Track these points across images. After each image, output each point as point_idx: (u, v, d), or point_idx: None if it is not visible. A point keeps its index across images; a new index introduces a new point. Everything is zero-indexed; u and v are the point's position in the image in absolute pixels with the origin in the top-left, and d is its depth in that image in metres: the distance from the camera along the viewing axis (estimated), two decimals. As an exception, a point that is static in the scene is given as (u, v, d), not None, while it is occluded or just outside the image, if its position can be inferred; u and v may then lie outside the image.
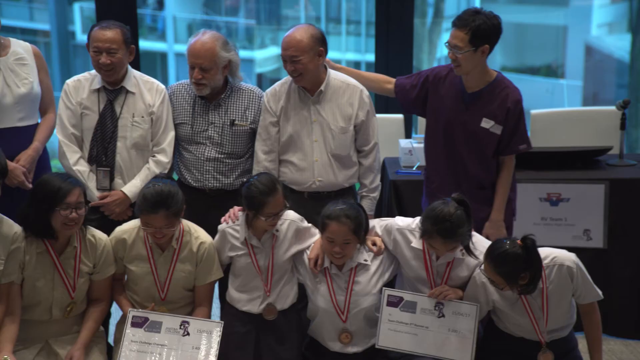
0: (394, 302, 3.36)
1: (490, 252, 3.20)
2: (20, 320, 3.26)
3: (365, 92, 3.84)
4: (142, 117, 3.75)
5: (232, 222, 3.48)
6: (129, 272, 3.47)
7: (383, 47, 5.59)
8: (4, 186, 3.53)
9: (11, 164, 3.62)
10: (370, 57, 6.54)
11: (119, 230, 3.48)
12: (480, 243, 3.39)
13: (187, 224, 3.48)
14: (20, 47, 3.84)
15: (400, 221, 3.51)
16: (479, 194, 3.71)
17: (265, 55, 15.05)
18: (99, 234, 3.40)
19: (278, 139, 3.81)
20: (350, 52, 14.16)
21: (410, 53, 5.60)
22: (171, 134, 3.81)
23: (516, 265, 3.13)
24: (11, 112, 3.73)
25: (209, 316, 3.50)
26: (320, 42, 3.66)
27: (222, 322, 3.40)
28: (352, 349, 3.47)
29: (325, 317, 3.46)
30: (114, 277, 3.47)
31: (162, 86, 3.85)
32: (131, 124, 3.74)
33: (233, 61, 3.78)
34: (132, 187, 3.71)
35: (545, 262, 3.24)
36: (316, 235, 3.51)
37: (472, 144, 3.75)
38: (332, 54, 3.86)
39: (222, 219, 3.52)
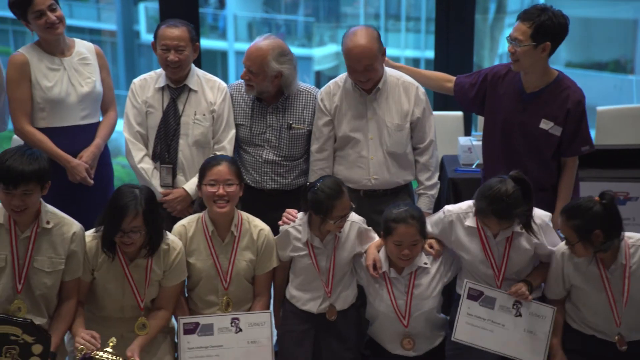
0: (474, 296, 3.28)
1: (565, 206, 3.11)
2: (95, 316, 3.32)
3: (421, 89, 3.75)
4: (204, 114, 3.74)
5: (293, 223, 3.43)
6: (189, 269, 3.43)
7: (443, 44, 5.49)
8: (67, 183, 3.58)
9: (74, 161, 3.67)
10: (430, 54, 6.44)
11: (179, 225, 3.45)
12: (541, 218, 3.27)
13: (244, 214, 3.45)
14: (83, 47, 3.87)
15: (450, 207, 3.40)
16: (539, 195, 3.57)
17: (323, 53, 15.04)
18: (174, 240, 3.33)
19: (333, 138, 3.75)
20: (409, 49, 14.03)
21: (470, 49, 5.49)
22: (232, 132, 3.79)
23: (589, 218, 3.00)
24: (75, 110, 3.77)
25: (268, 305, 3.48)
26: (380, 42, 3.59)
27: (270, 311, 3.38)
28: (414, 353, 3.40)
29: (386, 321, 3.39)
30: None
31: (224, 84, 3.83)
32: (193, 122, 3.73)
33: (285, 74, 3.70)
34: (193, 185, 3.70)
35: (631, 240, 3.10)
36: (374, 239, 3.44)
37: (531, 145, 3.61)
38: (391, 51, 3.78)
39: (279, 222, 3.47)
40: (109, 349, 3.03)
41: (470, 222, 3.29)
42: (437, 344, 3.44)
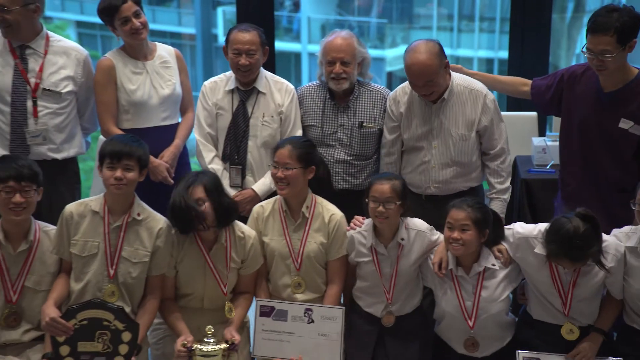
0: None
1: None
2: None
3: (490, 97, 3.69)
4: (272, 116, 3.79)
5: (359, 228, 3.45)
6: (263, 248, 3.48)
7: (518, 44, 5.39)
8: (148, 181, 3.68)
9: (156, 161, 3.76)
10: (504, 54, 6.34)
11: (257, 205, 3.53)
12: (612, 246, 3.16)
13: (319, 198, 3.50)
14: (164, 50, 3.97)
15: (521, 228, 3.31)
16: (620, 197, 3.48)
17: (396, 54, 14.94)
18: (247, 230, 3.44)
19: (400, 142, 3.75)
20: (482, 49, 13.85)
21: (546, 49, 5.37)
22: (298, 133, 3.83)
23: None
24: (156, 112, 3.87)
25: (339, 294, 3.50)
26: (443, 56, 3.56)
27: (344, 307, 3.40)
28: (479, 355, 3.37)
29: (452, 321, 3.36)
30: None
31: (292, 86, 3.87)
32: (261, 123, 3.79)
33: (366, 58, 3.78)
34: (261, 186, 3.76)
35: None
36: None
37: (610, 145, 3.52)
38: (464, 52, 3.76)
39: (347, 228, 3.49)
40: (210, 339, 3.12)
41: (539, 249, 3.21)
42: (505, 345, 3.39)
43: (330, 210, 3.47)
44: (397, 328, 3.43)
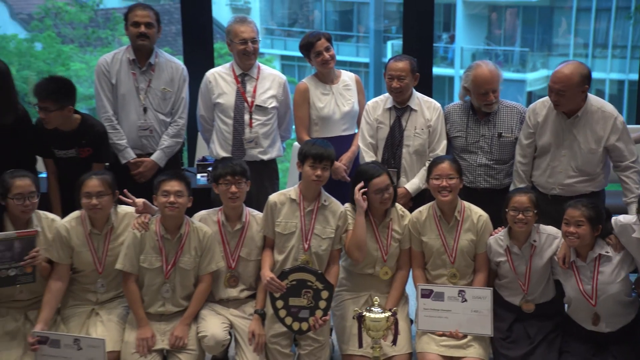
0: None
1: None
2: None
3: (620, 119, 3.46)
4: (422, 129, 3.76)
5: (495, 235, 3.38)
6: (422, 246, 3.45)
7: (646, 68, 4.98)
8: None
9: (337, 163, 3.82)
10: (634, 76, 5.90)
11: (415, 212, 3.49)
12: None
13: (465, 203, 3.44)
14: (347, 76, 4.06)
15: (623, 218, 3.15)
16: None
17: (535, 77, 14.38)
18: (401, 208, 3.44)
19: (533, 147, 3.59)
20: (614, 72, 12.97)
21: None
22: (443, 142, 3.78)
23: None
24: (338, 124, 3.96)
25: (486, 280, 3.41)
26: (586, 80, 3.37)
27: (492, 288, 3.33)
28: (605, 329, 3.19)
29: (578, 303, 3.22)
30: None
31: (438, 105, 3.84)
32: (413, 135, 3.76)
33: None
34: (412, 185, 3.75)
35: None
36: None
37: None
38: (597, 74, 3.54)
39: (492, 232, 3.41)
40: (377, 308, 3.14)
41: (637, 234, 3.04)
42: (630, 321, 3.20)
43: (477, 212, 3.41)
44: (535, 312, 3.32)
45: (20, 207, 3.13)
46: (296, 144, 4.16)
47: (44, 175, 3.69)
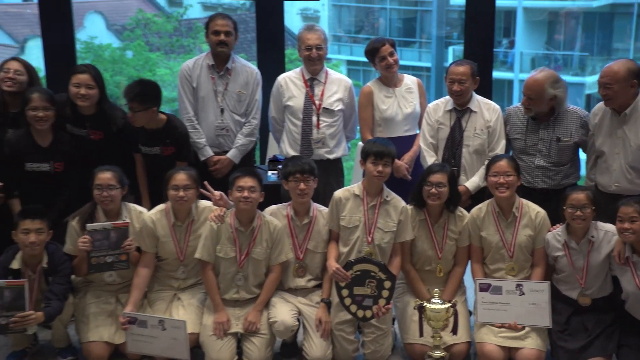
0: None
1: None
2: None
3: None
4: (482, 130, 3.67)
5: (554, 231, 3.29)
6: (481, 241, 3.38)
7: None
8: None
9: (397, 162, 3.77)
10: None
11: (475, 209, 3.43)
12: None
13: (524, 200, 3.35)
14: (409, 79, 4.01)
15: None
16: None
17: (594, 80, 13.83)
18: (463, 211, 3.39)
19: (593, 147, 3.48)
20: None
21: None
22: (502, 142, 3.68)
23: None
24: (400, 125, 3.91)
25: (543, 274, 3.32)
26: (634, 75, 3.23)
27: (549, 282, 3.23)
28: None
29: (634, 298, 3.09)
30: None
31: (497, 106, 3.74)
32: (473, 135, 3.68)
33: (558, 97, 3.51)
34: (472, 183, 3.66)
35: None
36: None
37: None
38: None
39: (550, 228, 3.31)
40: (437, 299, 3.13)
41: None
42: None
43: (535, 209, 3.33)
44: (593, 306, 3.21)
45: (99, 197, 3.24)
46: (360, 143, 4.14)
47: None
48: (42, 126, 3.38)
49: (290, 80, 3.90)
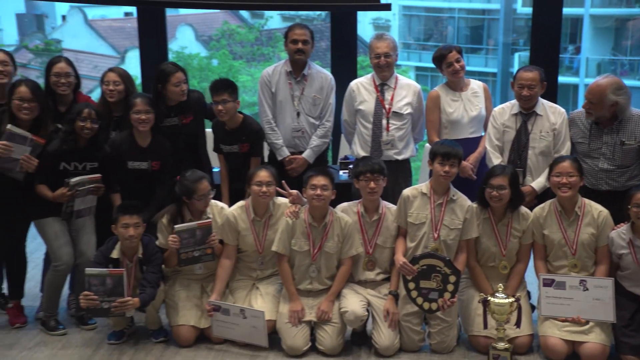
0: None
1: None
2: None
3: None
4: (547, 132, 3.55)
5: (618, 230, 3.15)
6: (540, 238, 3.29)
7: None
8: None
9: (464, 162, 3.68)
10: None
11: (537, 208, 3.32)
12: None
13: (586, 200, 3.23)
14: (476, 84, 3.92)
15: None
16: None
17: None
18: (525, 210, 3.30)
19: None
20: None
21: None
22: (567, 144, 3.55)
23: None
24: (466, 128, 3.83)
25: (607, 272, 3.19)
26: None
27: (613, 278, 3.10)
28: None
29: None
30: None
31: (563, 110, 3.60)
32: (539, 137, 3.55)
33: (620, 103, 3.35)
34: (538, 184, 3.54)
35: None
36: None
37: None
38: None
39: (613, 227, 3.17)
40: (501, 294, 3.07)
41: None
42: None
43: (598, 208, 3.21)
44: None
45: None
46: (427, 145, 4.08)
47: (216, 169, 3.91)
48: (145, 128, 3.51)
49: (362, 86, 3.89)
